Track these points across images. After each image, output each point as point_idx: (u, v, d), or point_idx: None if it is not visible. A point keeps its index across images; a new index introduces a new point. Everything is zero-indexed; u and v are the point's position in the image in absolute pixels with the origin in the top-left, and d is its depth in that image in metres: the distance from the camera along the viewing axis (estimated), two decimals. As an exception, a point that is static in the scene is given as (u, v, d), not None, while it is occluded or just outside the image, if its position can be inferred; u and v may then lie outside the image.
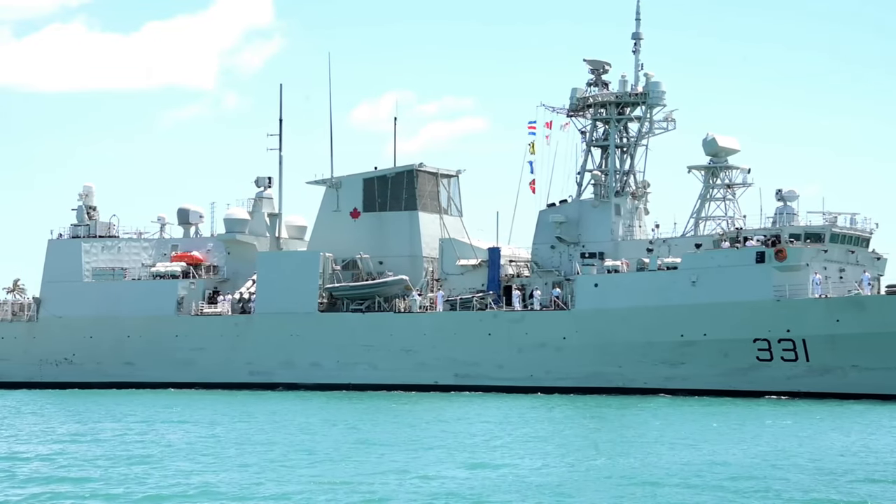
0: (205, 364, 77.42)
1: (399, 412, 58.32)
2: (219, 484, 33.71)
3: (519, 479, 34.36)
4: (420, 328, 72.68)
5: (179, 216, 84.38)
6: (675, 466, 36.65)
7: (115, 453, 40.95)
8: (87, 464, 38.22)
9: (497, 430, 48.20)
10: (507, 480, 34.30)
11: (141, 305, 79.57)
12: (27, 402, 67.40)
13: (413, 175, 76.91)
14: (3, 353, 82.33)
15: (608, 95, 72.64)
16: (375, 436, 46.32)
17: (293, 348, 75.37)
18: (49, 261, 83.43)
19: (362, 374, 73.76)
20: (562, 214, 72.08)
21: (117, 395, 72.15)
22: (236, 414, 57.29)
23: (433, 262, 76.53)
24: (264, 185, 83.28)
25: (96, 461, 38.83)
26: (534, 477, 34.87)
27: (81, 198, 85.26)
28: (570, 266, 71.30)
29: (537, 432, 47.92)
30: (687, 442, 43.35)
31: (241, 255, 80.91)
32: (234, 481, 34.18)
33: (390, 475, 34.99)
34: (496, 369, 70.57)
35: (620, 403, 61.73)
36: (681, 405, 60.58)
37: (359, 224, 77.72)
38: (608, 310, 67.78)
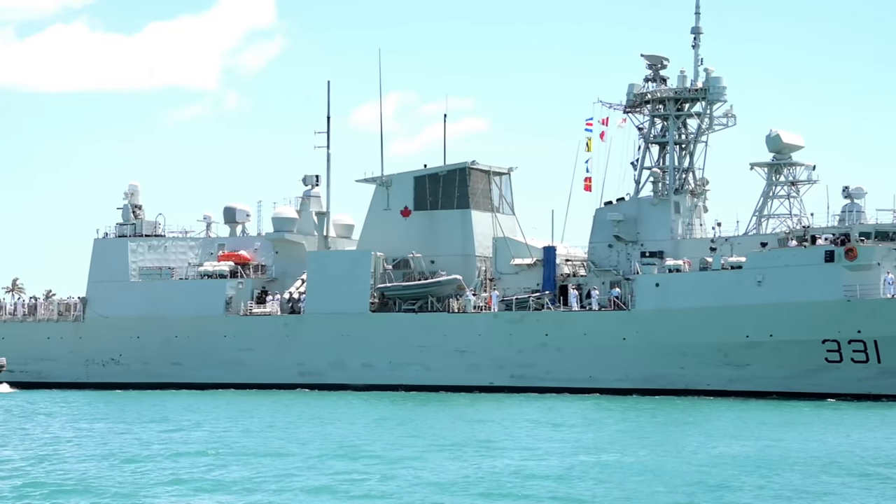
0: (253, 365, 75.08)
1: (492, 414, 55.89)
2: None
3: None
4: (475, 328, 70.21)
5: (226, 215, 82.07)
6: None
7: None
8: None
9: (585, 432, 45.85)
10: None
11: (189, 305, 77.30)
12: (105, 402, 65.11)
13: (465, 173, 74.45)
14: (49, 353, 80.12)
15: (667, 91, 70.06)
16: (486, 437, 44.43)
17: (344, 349, 72.97)
18: (95, 260, 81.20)
19: (414, 375, 71.30)
20: (619, 213, 69.49)
21: (185, 396, 69.82)
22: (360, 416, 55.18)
23: (486, 262, 74.05)
24: (312, 183, 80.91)
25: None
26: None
27: (127, 196, 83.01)
28: (628, 265, 68.73)
29: (651, 436, 45.40)
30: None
31: (290, 255, 78.56)
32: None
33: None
34: (553, 370, 68.03)
35: (696, 405, 59.27)
36: (761, 407, 57.90)
37: (410, 223, 75.30)
38: (670, 310, 65.19)
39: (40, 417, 55.68)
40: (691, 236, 69.18)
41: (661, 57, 70.95)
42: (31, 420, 54.18)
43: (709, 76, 69.42)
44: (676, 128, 70.46)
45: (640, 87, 70.83)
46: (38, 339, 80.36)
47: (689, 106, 70.47)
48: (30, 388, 77.34)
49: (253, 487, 32.28)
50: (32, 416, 56.67)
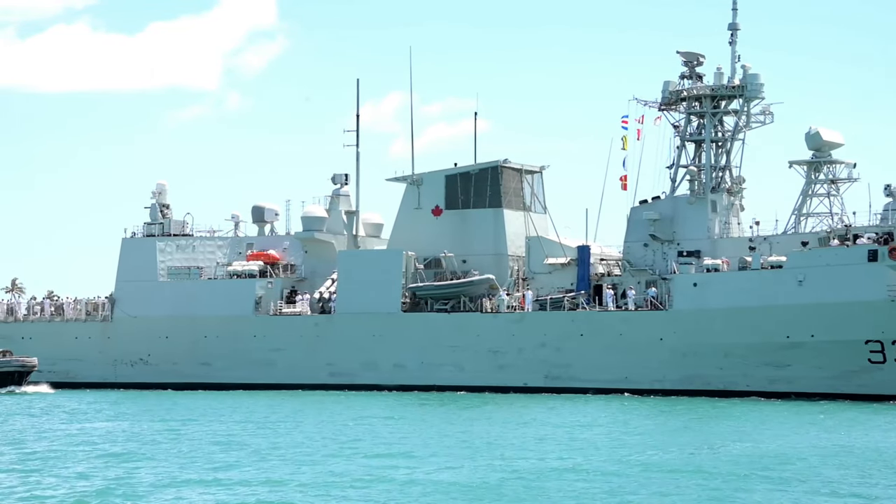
0: (284, 365, 73.72)
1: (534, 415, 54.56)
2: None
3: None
4: (508, 328, 68.76)
5: (254, 214, 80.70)
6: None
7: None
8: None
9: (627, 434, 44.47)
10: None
11: (218, 305, 75.95)
12: (151, 403, 63.74)
13: (497, 171, 73.00)
14: (77, 353, 78.83)
15: (703, 88, 68.51)
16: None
17: (375, 349, 71.58)
18: (123, 260, 79.88)
19: (447, 376, 69.88)
20: (655, 211, 67.97)
21: (218, 397, 68.42)
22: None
23: (518, 261, 72.60)
24: (341, 182, 79.50)
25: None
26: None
27: (154, 195, 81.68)
28: (664, 264, 67.24)
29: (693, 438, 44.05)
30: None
31: (319, 254, 77.18)
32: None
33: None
34: (589, 371, 66.57)
35: (736, 406, 57.78)
36: (812, 410, 56.41)
37: (441, 222, 73.90)
38: (708, 310, 63.68)
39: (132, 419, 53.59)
40: (728, 235, 67.67)
41: (697, 54, 69.40)
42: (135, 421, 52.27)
43: (746, 73, 67.84)
44: (713, 125, 68.90)
45: (675, 84, 69.31)
46: (66, 339, 79.13)
47: (725, 103, 68.89)
48: (57, 388, 75.96)
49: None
50: (117, 417, 54.90)
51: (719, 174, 68.93)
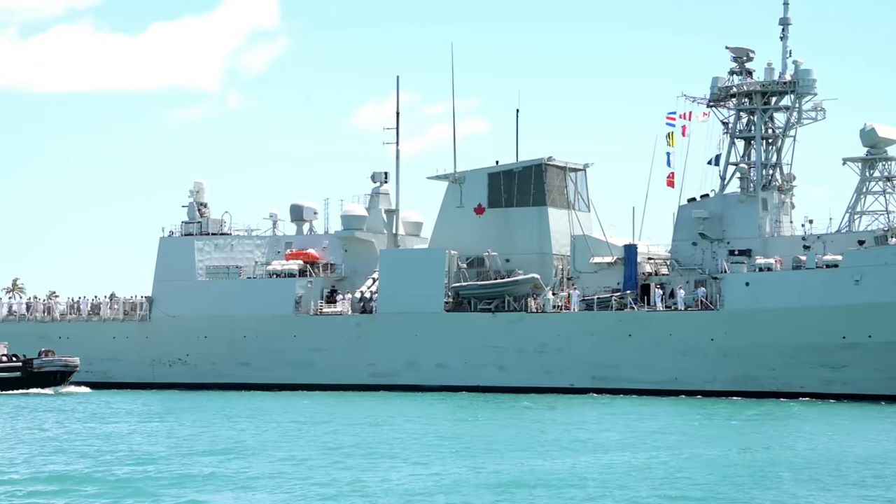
0: (324, 365, 71.87)
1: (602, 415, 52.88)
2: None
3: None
4: (554, 329, 66.80)
5: (292, 213, 78.87)
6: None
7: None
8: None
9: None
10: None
11: (257, 305, 74.14)
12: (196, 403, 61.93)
13: (541, 169, 71.02)
14: (114, 353, 77.12)
15: (753, 84, 66.38)
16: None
17: (418, 349, 69.70)
18: (161, 259, 78.20)
19: (490, 376, 67.98)
20: (705, 210, 65.88)
21: (264, 398, 66.64)
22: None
23: (563, 260, 70.61)
24: (381, 180, 77.60)
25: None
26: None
27: (192, 194, 79.97)
28: (713, 264, 65.18)
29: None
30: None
31: (359, 253, 75.32)
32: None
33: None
34: (637, 371, 64.57)
35: (791, 408, 55.85)
36: (861, 410, 54.39)
37: (483, 220, 71.95)
38: (761, 310, 61.64)
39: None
40: (779, 234, 65.59)
41: (747, 49, 67.32)
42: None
43: (798, 68, 65.73)
44: (763, 122, 66.80)
45: (724, 80, 67.24)
46: (103, 339, 77.45)
47: (776, 99, 66.80)
48: (95, 388, 74.27)
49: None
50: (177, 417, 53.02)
51: (770, 172, 66.82)
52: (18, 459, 37.03)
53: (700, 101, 67.00)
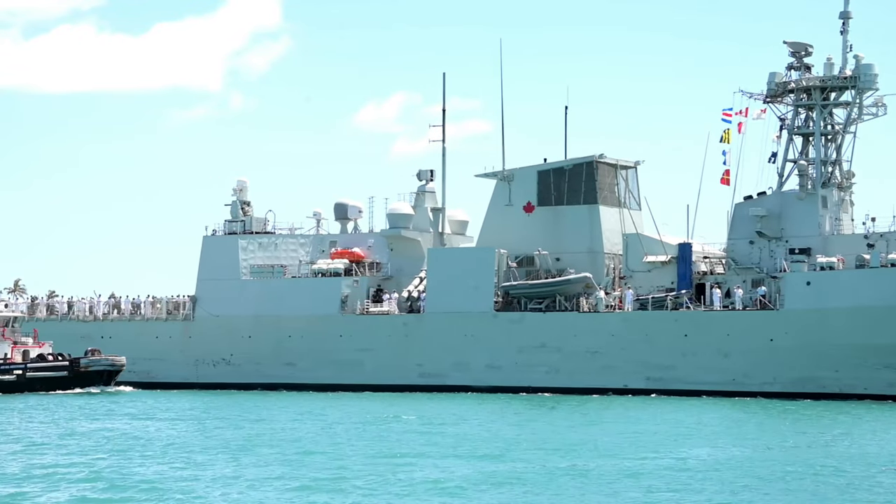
0: (371, 365, 69.96)
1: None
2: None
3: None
4: (608, 329, 64.76)
5: (337, 211, 77.00)
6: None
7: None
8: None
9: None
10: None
11: (303, 304, 72.28)
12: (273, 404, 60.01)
13: (592, 166, 68.96)
14: (158, 352, 75.34)
15: (813, 80, 64.16)
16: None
17: (467, 349, 67.73)
18: (204, 258, 76.38)
19: (542, 377, 65.97)
20: (762, 207, 63.74)
21: (314, 398, 64.77)
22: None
23: (614, 259, 68.53)
24: (426, 178, 75.65)
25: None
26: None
27: (235, 193, 78.12)
28: (771, 263, 63.05)
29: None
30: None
31: (405, 252, 73.41)
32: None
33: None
34: (694, 372, 62.51)
35: (854, 410, 53.51)
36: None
37: (533, 219, 69.92)
38: (823, 310, 59.49)
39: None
40: (839, 232, 63.40)
41: (806, 44, 65.07)
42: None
43: (859, 63, 63.49)
44: (822, 118, 64.58)
45: (782, 75, 65.04)
46: (146, 338, 75.68)
47: (836, 95, 64.59)
48: (138, 388, 72.48)
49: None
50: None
51: (829, 169, 64.62)
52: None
53: (757, 96, 64.83)
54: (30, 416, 52.63)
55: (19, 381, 67.77)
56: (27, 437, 43.50)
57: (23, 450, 39.05)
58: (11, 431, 45.67)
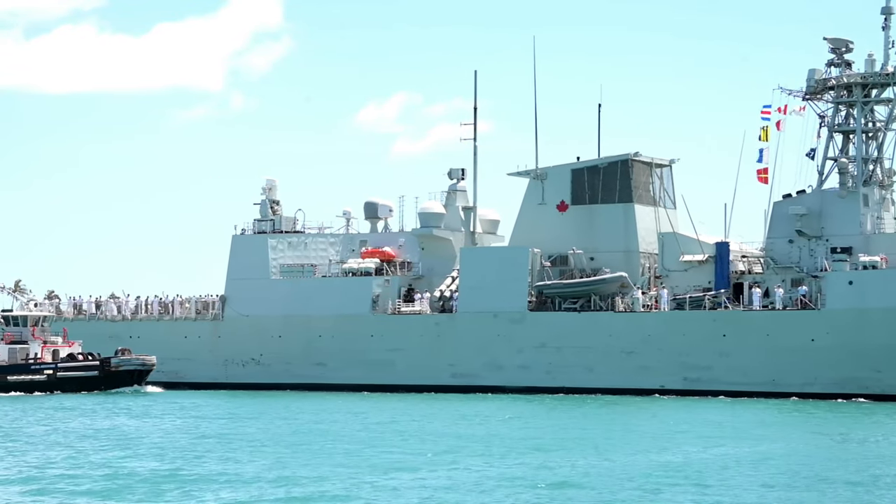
0: (403, 366, 68.75)
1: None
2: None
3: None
4: (644, 328, 63.44)
5: (367, 210, 75.79)
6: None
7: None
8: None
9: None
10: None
11: (333, 304, 71.11)
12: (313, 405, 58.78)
13: (627, 165, 67.66)
14: (187, 352, 74.22)
15: (853, 76, 62.76)
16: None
17: (500, 349, 66.48)
18: (234, 257, 75.29)
19: (577, 378, 64.65)
20: (802, 206, 62.35)
21: (343, 399, 63.58)
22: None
23: (650, 258, 67.20)
24: (458, 177, 74.42)
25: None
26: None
27: (265, 192, 77.00)
28: (811, 262, 61.67)
29: None
30: None
31: (437, 251, 72.20)
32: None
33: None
34: (732, 373, 61.14)
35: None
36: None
37: (566, 217, 68.62)
38: (866, 309, 58.16)
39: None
40: (881, 231, 61.96)
41: (846, 40, 63.70)
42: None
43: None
44: (863, 115, 63.16)
45: (822, 72, 63.65)
46: (175, 338, 74.55)
47: (877, 92, 63.17)
48: (166, 388, 71.31)
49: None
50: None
51: (870, 166, 63.19)
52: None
53: (796, 93, 63.44)
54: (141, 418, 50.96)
55: (49, 380, 66.76)
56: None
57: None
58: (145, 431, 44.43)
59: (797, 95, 63.47)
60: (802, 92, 63.57)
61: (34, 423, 48.26)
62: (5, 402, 59.59)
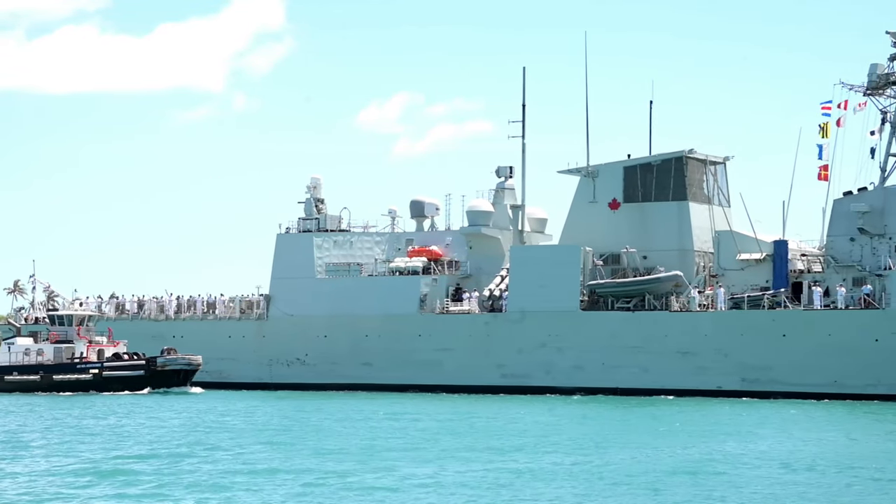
0: (451, 366, 67.08)
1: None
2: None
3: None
4: (700, 328, 61.59)
5: (413, 209, 74.11)
6: None
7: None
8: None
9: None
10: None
11: (380, 303, 69.47)
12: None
13: (682, 162, 65.85)
14: (231, 352, 72.72)
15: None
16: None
17: (552, 349, 64.69)
18: (278, 256, 73.75)
19: (630, 378, 62.86)
20: (864, 203, 60.40)
21: (384, 399, 61.96)
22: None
23: (704, 257, 65.34)
24: (506, 175, 72.67)
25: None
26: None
27: (309, 190, 75.44)
28: (874, 260, 59.74)
29: None
30: None
31: (485, 250, 70.50)
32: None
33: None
34: (792, 374, 59.20)
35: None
36: None
37: (619, 216, 66.84)
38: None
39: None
40: (946, 228, 59.99)
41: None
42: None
43: (968, 52, 60.15)
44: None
45: (884, 66, 61.71)
46: (219, 337, 73.02)
47: (942, 86, 61.27)
48: (210, 388, 69.80)
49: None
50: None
51: (936, 163, 61.26)
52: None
53: (857, 89, 61.49)
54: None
55: (95, 380, 65.32)
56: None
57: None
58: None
59: (858, 90, 61.56)
60: (864, 87, 61.62)
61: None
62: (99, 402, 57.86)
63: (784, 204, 63.56)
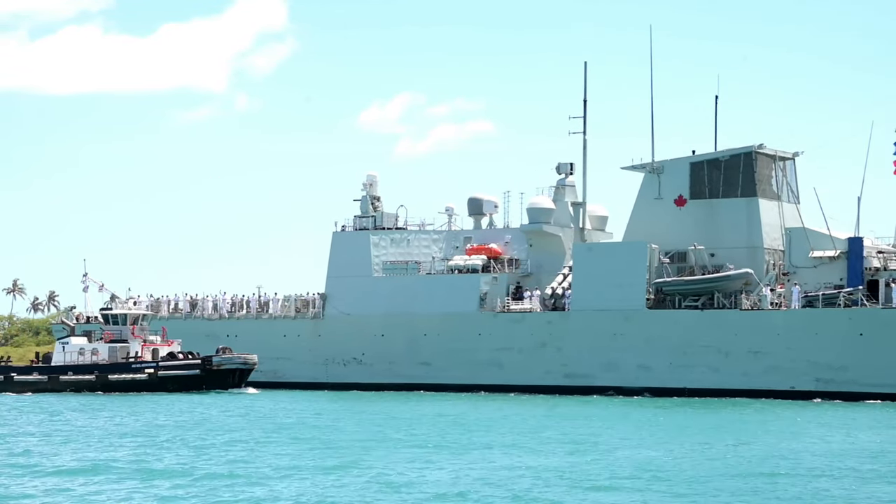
0: (512, 365, 64.98)
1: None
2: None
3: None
4: (773, 327, 59.20)
5: (471, 206, 71.96)
6: None
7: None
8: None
9: None
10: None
11: (439, 302, 67.44)
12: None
13: (751, 158, 63.48)
14: (286, 351, 70.85)
15: None
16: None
17: (617, 348, 62.50)
18: (334, 255, 71.82)
19: (700, 378, 60.56)
20: (945, 198, 58.00)
21: (447, 399, 59.80)
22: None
23: (774, 254, 62.91)
24: (566, 171, 70.44)
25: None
26: None
27: (365, 188, 73.44)
28: (954, 257, 57.21)
29: None
30: None
31: (545, 248, 68.34)
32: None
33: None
34: (870, 374, 56.75)
35: None
36: None
37: (685, 212, 64.55)
38: None
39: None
40: None
41: None
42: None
43: None
44: None
45: (963, 57, 59.29)
46: (273, 336, 71.11)
47: None
48: (264, 388, 67.82)
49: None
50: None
51: None
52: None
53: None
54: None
55: (151, 379, 63.49)
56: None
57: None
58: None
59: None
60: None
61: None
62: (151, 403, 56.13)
63: (859, 200, 61.08)
